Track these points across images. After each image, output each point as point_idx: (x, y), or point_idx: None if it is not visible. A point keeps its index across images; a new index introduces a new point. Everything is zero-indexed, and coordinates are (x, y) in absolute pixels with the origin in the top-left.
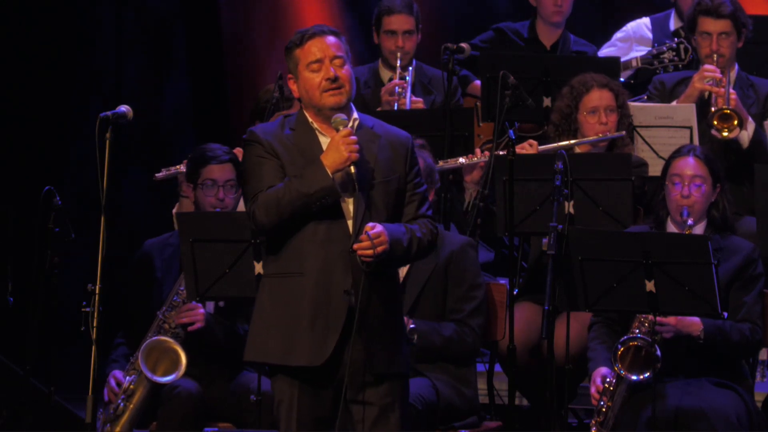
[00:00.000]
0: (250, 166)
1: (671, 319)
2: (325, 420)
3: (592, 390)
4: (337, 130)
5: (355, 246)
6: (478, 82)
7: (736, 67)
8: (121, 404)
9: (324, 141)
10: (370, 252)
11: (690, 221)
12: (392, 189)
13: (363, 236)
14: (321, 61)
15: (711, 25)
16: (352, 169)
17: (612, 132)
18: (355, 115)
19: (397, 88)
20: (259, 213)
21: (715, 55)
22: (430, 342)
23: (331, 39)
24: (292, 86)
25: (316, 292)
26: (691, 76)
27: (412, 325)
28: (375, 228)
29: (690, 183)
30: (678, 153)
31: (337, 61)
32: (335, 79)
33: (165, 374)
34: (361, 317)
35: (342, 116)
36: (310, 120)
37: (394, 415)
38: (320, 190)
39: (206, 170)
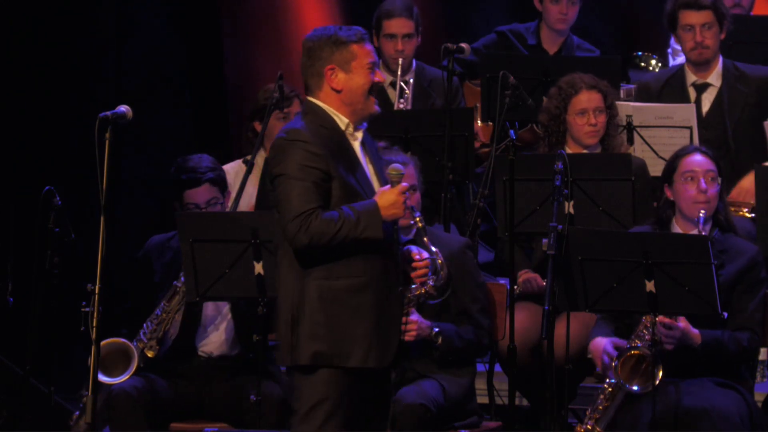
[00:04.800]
0: (294, 172)
1: (681, 321)
2: (367, 415)
3: (598, 362)
4: (392, 184)
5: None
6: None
7: (720, 59)
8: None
9: (355, 146)
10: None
11: (708, 227)
12: None
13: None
14: (378, 65)
15: (693, 17)
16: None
17: (601, 132)
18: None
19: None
20: (304, 236)
21: (699, 48)
22: (453, 345)
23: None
24: (333, 77)
25: (375, 294)
26: (674, 72)
27: (436, 329)
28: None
29: (705, 176)
30: (684, 151)
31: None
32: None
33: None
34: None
35: (398, 167)
36: (339, 124)
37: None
38: (369, 239)
39: (186, 196)
